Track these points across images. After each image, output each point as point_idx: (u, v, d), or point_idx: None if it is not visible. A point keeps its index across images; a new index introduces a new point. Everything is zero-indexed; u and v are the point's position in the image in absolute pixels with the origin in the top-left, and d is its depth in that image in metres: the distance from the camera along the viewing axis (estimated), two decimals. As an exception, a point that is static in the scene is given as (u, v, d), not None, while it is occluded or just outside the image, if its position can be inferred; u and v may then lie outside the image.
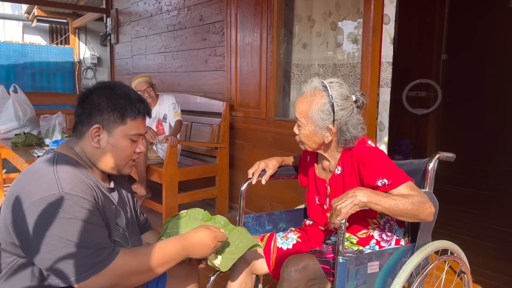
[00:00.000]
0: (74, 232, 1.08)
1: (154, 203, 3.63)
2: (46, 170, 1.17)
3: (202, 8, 4.20)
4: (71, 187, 1.13)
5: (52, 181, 1.13)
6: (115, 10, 5.81)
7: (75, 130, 1.30)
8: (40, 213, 1.08)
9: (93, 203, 1.16)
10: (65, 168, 1.18)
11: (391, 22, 2.53)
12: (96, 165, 1.29)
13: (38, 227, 1.08)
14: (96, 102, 1.26)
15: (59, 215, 1.08)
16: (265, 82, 3.51)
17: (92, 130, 1.25)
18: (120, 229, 1.34)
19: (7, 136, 4.15)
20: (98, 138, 1.26)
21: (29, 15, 9.48)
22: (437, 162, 1.62)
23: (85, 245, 1.09)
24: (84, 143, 1.28)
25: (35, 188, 1.12)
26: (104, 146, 1.27)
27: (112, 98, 1.26)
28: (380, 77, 2.60)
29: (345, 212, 1.29)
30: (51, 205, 1.09)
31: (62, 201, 1.10)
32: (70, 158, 1.24)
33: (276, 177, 1.80)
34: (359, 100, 1.50)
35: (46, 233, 1.07)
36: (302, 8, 3.36)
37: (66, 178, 1.15)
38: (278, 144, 3.42)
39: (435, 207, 1.40)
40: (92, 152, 1.28)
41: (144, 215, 1.62)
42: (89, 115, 1.26)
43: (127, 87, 1.34)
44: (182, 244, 1.25)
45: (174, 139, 3.40)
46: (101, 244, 1.12)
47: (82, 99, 1.29)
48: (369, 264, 1.40)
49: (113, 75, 6.06)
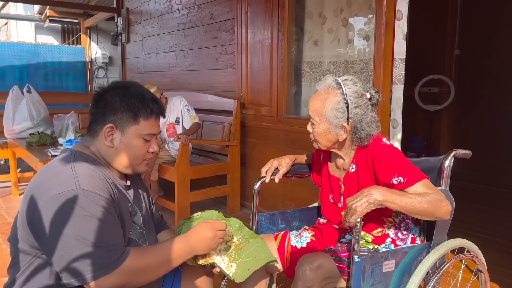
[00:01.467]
0: (89, 231, 1.09)
1: (166, 201, 3.65)
2: (63, 166, 1.18)
3: (213, 6, 4.20)
4: (88, 183, 1.14)
5: (69, 177, 1.14)
6: (126, 9, 5.84)
7: (90, 129, 1.31)
8: (57, 208, 1.09)
9: (109, 200, 1.17)
10: (82, 165, 1.19)
11: (403, 18, 2.50)
12: (110, 164, 1.30)
13: (54, 223, 1.09)
14: (110, 101, 1.27)
15: (75, 212, 1.09)
16: (276, 79, 3.50)
17: (106, 129, 1.26)
18: (138, 227, 1.35)
19: (22, 136, 4.21)
20: (111, 137, 1.27)
21: (41, 16, 9.58)
22: (453, 159, 1.60)
23: (99, 245, 1.09)
24: (98, 142, 1.29)
25: (53, 184, 1.13)
26: (117, 146, 1.28)
27: (125, 98, 1.27)
28: (393, 73, 2.57)
29: (361, 211, 1.28)
30: (68, 201, 1.10)
31: (79, 197, 1.10)
32: (87, 155, 1.26)
33: (289, 175, 1.79)
34: (374, 98, 1.49)
35: (61, 230, 1.08)
36: (313, 4, 3.34)
37: (83, 174, 1.16)
38: (290, 142, 3.41)
39: (451, 205, 1.39)
40: (106, 151, 1.29)
41: (159, 212, 1.63)
42: (103, 114, 1.27)
43: (141, 87, 1.34)
44: (185, 241, 1.28)
45: (186, 138, 3.41)
46: (114, 244, 1.13)
47: (97, 99, 1.30)
48: (384, 263, 1.39)
49: (124, 74, 6.10)
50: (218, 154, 4.01)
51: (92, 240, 1.09)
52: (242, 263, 1.37)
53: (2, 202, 4.26)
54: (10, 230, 1.28)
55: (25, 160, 4.01)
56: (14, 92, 4.40)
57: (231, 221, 1.48)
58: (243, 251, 1.40)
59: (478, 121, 4.77)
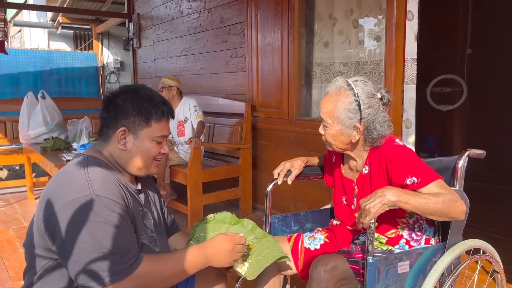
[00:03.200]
0: (103, 237, 1.10)
1: (179, 204, 3.68)
2: (77, 171, 1.19)
3: (223, 10, 4.22)
4: (102, 188, 1.15)
5: (83, 183, 1.15)
6: (137, 15, 5.90)
7: (101, 134, 1.32)
8: (72, 214, 1.11)
9: (123, 205, 1.18)
10: (95, 170, 1.20)
11: (414, 18, 2.49)
12: (124, 167, 1.31)
13: (69, 229, 1.10)
14: (121, 105, 1.27)
15: (90, 218, 1.10)
16: (287, 81, 3.51)
17: (118, 133, 1.27)
18: (149, 231, 1.36)
19: (37, 141, 4.27)
20: (124, 141, 1.28)
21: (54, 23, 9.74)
22: (467, 159, 1.59)
23: (113, 251, 1.10)
24: (110, 146, 1.30)
25: (67, 190, 1.14)
26: (131, 149, 1.29)
27: (136, 101, 1.28)
28: (404, 74, 2.56)
29: (374, 212, 1.28)
30: (82, 207, 1.11)
31: (93, 203, 1.12)
32: (100, 160, 1.27)
33: (301, 177, 1.79)
34: (385, 97, 1.48)
35: (76, 236, 1.09)
36: (323, 6, 3.35)
37: (97, 179, 1.17)
38: (301, 143, 3.41)
39: (466, 205, 1.38)
40: (119, 155, 1.30)
41: (171, 216, 1.63)
42: (115, 119, 1.27)
43: (151, 90, 1.35)
44: (202, 252, 1.27)
45: (198, 141, 3.43)
46: (128, 250, 1.14)
47: (107, 103, 1.30)
48: (399, 264, 1.38)
49: (136, 79, 6.16)
50: (229, 157, 4.03)
51: (107, 246, 1.10)
52: (254, 262, 1.38)
53: (18, 207, 4.33)
54: (26, 236, 1.29)
55: (40, 165, 4.07)
56: (28, 98, 4.47)
57: (244, 222, 1.49)
58: (255, 250, 1.40)
59: (491, 121, 4.72)
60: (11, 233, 3.50)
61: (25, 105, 4.43)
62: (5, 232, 3.53)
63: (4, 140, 4.79)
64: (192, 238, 1.45)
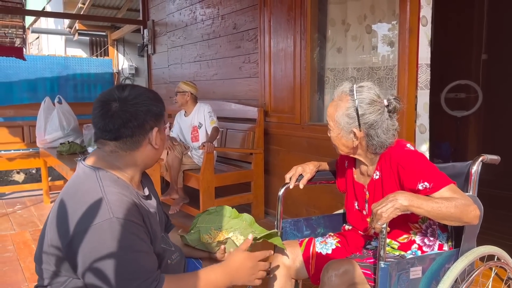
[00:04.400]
0: (124, 263, 1.09)
1: (191, 208, 3.70)
2: (94, 192, 1.16)
3: (236, 16, 4.26)
4: (121, 210, 1.13)
5: (103, 205, 1.12)
6: (152, 21, 5.99)
7: (125, 145, 1.24)
8: (93, 240, 1.09)
9: (141, 226, 1.17)
10: (112, 189, 1.17)
11: (428, 23, 2.49)
12: (148, 166, 1.33)
13: (91, 256, 1.09)
14: (147, 109, 1.25)
15: (111, 244, 1.09)
16: (299, 87, 3.52)
17: (154, 135, 1.26)
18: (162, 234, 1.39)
19: (53, 145, 4.34)
20: (156, 140, 1.28)
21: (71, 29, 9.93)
22: (481, 165, 1.57)
23: (133, 277, 1.10)
24: (140, 151, 1.27)
25: (87, 213, 1.12)
26: (160, 144, 1.31)
27: (154, 100, 1.28)
28: (418, 79, 2.56)
29: (386, 217, 1.28)
30: (103, 232, 1.09)
31: (113, 227, 1.10)
32: (110, 174, 1.23)
33: (313, 181, 1.80)
34: (391, 105, 1.47)
35: (97, 262, 1.08)
36: (336, 12, 3.35)
37: (115, 200, 1.14)
38: (313, 149, 3.41)
39: (480, 210, 1.36)
40: (150, 156, 1.29)
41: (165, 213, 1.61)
42: (143, 123, 1.24)
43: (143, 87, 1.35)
44: (224, 271, 1.26)
45: (211, 146, 3.46)
46: (148, 274, 1.13)
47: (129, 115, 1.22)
48: (411, 270, 1.37)
49: (150, 85, 6.24)
50: (241, 162, 4.05)
51: (127, 273, 1.09)
52: None
53: (34, 210, 4.41)
54: (36, 250, 1.26)
55: (56, 169, 4.14)
56: (46, 103, 4.55)
57: (244, 216, 1.54)
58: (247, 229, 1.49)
59: (507, 127, 4.64)
60: (27, 236, 3.57)
61: (42, 110, 4.51)
62: (21, 235, 3.60)
63: (22, 145, 4.88)
64: (194, 227, 1.52)
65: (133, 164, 1.28)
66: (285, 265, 1.63)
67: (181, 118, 3.94)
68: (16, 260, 3.03)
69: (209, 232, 1.49)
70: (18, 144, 4.87)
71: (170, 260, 1.37)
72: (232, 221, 1.52)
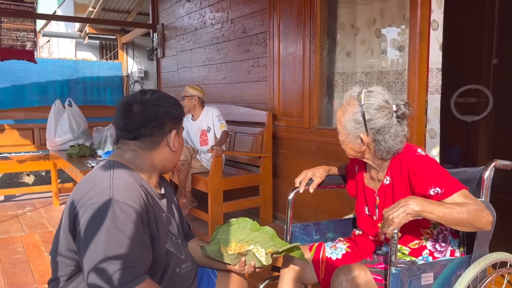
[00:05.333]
0: (111, 244, 1.11)
1: (200, 212, 3.70)
2: (102, 177, 1.22)
3: (245, 20, 4.28)
4: (123, 194, 1.17)
5: (105, 187, 1.17)
6: (161, 25, 6.02)
7: (143, 144, 1.30)
8: (89, 218, 1.13)
9: (140, 212, 1.18)
10: (121, 175, 1.23)
11: (439, 27, 2.47)
12: (166, 169, 1.37)
13: (86, 232, 1.13)
14: (166, 111, 1.31)
15: (105, 224, 1.12)
16: (308, 91, 3.51)
17: (172, 137, 1.32)
18: (174, 237, 1.38)
19: (63, 148, 4.38)
20: (173, 143, 1.33)
21: (81, 33, 10.02)
22: (493, 170, 1.56)
23: (116, 260, 1.10)
24: (157, 152, 1.32)
25: (90, 194, 1.17)
26: (177, 147, 1.35)
27: (174, 104, 1.34)
28: (428, 83, 2.54)
29: (398, 222, 1.26)
30: (99, 211, 1.13)
31: (111, 208, 1.13)
32: (125, 165, 1.29)
33: (323, 186, 1.79)
34: (400, 110, 1.46)
35: (90, 239, 1.12)
36: (346, 16, 3.35)
37: (119, 185, 1.19)
38: (322, 152, 3.40)
39: (493, 216, 1.35)
40: (166, 158, 1.34)
41: (189, 224, 1.65)
42: (162, 124, 1.30)
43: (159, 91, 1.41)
44: None
45: (219, 149, 3.46)
46: (132, 263, 1.12)
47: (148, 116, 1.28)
48: (423, 276, 1.36)
49: (159, 88, 6.27)
50: (250, 165, 4.04)
51: (114, 255, 1.10)
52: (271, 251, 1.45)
53: (44, 212, 4.44)
54: (52, 244, 1.31)
55: (65, 171, 4.17)
56: (56, 106, 4.60)
57: (265, 229, 1.52)
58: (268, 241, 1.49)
59: (518, 132, 4.60)
60: (36, 238, 3.59)
61: (53, 112, 4.56)
62: (31, 237, 3.62)
63: (32, 147, 4.94)
64: (214, 239, 1.49)
65: (151, 164, 1.33)
66: (295, 269, 1.63)
67: (188, 122, 3.94)
68: (25, 261, 3.05)
69: (230, 244, 1.48)
70: (28, 146, 4.92)
71: (179, 268, 1.36)
72: (253, 233, 1.51)
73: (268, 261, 1.40)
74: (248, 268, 1.41)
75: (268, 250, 1.44)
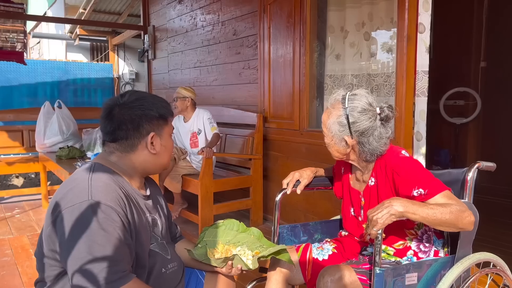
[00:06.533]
0: (95, 243, 1.11)
1: (190, 214, 3.70)
2: (81, 178, 1.22)
3: (236, 22, 4.29)
4: (101, 195, 1.17)
5: (84, 189, 1.17)
6: (152, 27, 6.02)
7: (120, 146, 1.31)
8: (69, 220, 1.13)
9: (120, 214, 1.18)
10: (100, 176, 1.23)
11: (426, 30, 2.50)
12: (148, 171, 1.37)
13: (66, 233, 1.13)
14: (141, 114, 1.30)
15: (86, 224, 1.12)
16: (298, 93, 3.53)
17: (149, 139, 1.31)
18: (159, 238, 1.38)
19: (52, 150, 4.36)
20: (153, 145, 1.32)
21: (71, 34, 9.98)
22: (477, 171, 1.58)
23: (101, 259, 1.10)
24: (136, 154, 1.32)
25: (69, 196, 1.17)
26: (159, 150, 1.34)
27: (154, 105, 1.33)
28: (416, 86, 2.57)
29: (382, 223, 1.28)
30: (79, 213, 1.13)
31: (90, 209, 1.14)
32: (106, 167, 1.29)
33: (311, 187, 1.81)
34: (383, 113, 1.48)
35: (72, 241, 1.12)
36: (335, 19, 3.38)
37: (98, 186, 1.19)
38: (312, 154, 3.42)
39: (475, 216, 1.37)
40: (148, 160, 1.33)
41: (177, 225, 1.65)
42: (138, 127, 1.30)
43: (145, 92, 1.42)
44: None
45: (210, 151, 3.46)
46: (117, 262, 1.12)
47: (123, 118, 1.29)
48: (407, 276, 1.38)
49: (150, 90, 6.26)
50: (240, 167, 4.05)
51: (97, 254, 1.10)
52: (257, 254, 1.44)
53: (33, 214, 4.41)
54: (37, 245, 1.30)
55: (55, 173, 4.15)
56: (45, 108, 4.57)
57: (252, 230, 1.52)
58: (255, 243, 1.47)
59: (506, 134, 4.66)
60: (25, 240, 3.57)
61: (42, 114, 4.53)
62: (19, 239, 3.60)
63: (21, 149, 4.90)
64: (201, 241, 1.49)
65: (131, 167, 1.33)
66: (282, 270, 1.63)
67: (179, 123, 3.93)
68: (14, 264, 3.03)
69: (216, 247, 1.47)
70: (17, 148, 4.88)
71: (165, 269, 1.37)
72: (240, 235, 1.51)
73: (254, 264, 1.40)
74: (235, 271, 1.42)
75: (255, 251, 1.44)
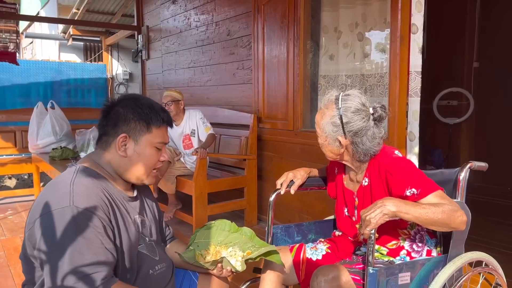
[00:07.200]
0: (75, 250, 1.09)
1: (184, 215, 3.69)
2: (63, 183, 1.20)
3: (230, 23, 4.29)
4: (82, 200, 1.15)
5: (65, 194, 1.15)
6: (146, 27, 6.00)
7: (100, 142, 1.34)
8: (49, 225, 1.12)
9: (103, 219, 1.17)
10: (82, 181, 1.20)
11: (419, 31, 2.52)
12: (122, 175, 1.32)
13: (45, 239, 1.11)
14: (122, 112, 1.30)
15: (65, 231, 1.10)
16: (292, 93, 3.54)
17: (119, 140, 1.28)
18: (147, 238, 1.37)
19: (45, 151, 4.34)
20: (125, 147, 1.29)
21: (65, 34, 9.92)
22: (469, 171, 1.59)
23: (83, 266, 1.09)
24: (110, 153, 1.31)
25: (50, 201, 1.15)
26: (131, 155, 1.30)
27: (137, 108, 1.31)
28: (409, 86, 2.58)
29: (375, 222, 1.29)
30: (59, 218, 1.12)
31: (70, 215, 1.12)
32: (91, 170, 1.27)
33: (305, 187, 1.81)
34: (376, 113, 1.49)
35: (50, 248, 1.10)
36: (329, 19, 3.39)
37: (79, 191, 1.17)
38: (306, 155, 3.42)
39: (467, 216, 1.38)
40: (118, 162, 1.30)
41: (169, 226, 1.65)
42: (115, 125, 1.30)
43: (150, 99, 1.39)
44: None
45: (204, 152, 3.45)
46: (98, 267, 1.11)
47: (107, 111, 1.33)
48: (400, 275, 1.38)
49: (144, 90, 6.24)
50: (235, 168, 4.05)
51: (77, 261, 1.09)
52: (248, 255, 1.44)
53: (26, 215, 4.35)
54: (21, 248, 1.28)
55: (48, 174, 4.12)
56: (38, 108, 4.55)
57: (243, 230, 1.52)
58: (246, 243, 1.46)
59: (498, 134, 4.69)
60: (18, 242, 3.54)
61: (35, 115, 4.51)
62: (12, 241, 3.57)
63: (14, 150, 4.87)
64: (192, 243, 1.49)
65: (107, 165, 1.31)
66: (276, 271, 1.63)
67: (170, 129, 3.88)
68: (6, 266, 3.00)
69: (208, 248, 1.46)
70: (10, 149, 4.85)
71: (153, 270, 1.35)
72: (232, 235, 1.49)
73: (243, 267, 1.40)
74: (225, 272, 1.43)
75: (247, 251, 1.44)
